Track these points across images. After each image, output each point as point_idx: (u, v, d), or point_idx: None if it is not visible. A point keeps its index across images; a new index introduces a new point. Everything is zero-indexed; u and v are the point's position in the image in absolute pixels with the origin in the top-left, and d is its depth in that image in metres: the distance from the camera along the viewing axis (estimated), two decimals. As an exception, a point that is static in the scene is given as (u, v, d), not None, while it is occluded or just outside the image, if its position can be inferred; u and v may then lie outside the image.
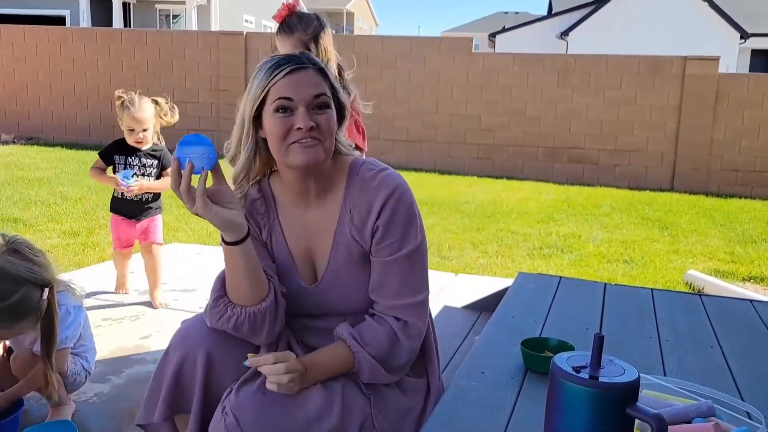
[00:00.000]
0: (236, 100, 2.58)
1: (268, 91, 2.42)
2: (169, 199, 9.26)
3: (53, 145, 16.44)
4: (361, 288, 2.62)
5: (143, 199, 5.46)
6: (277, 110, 2.41)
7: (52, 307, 3.29)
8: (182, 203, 2.38)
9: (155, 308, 5.54)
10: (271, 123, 2.44)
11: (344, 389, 2.50)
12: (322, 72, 2.50)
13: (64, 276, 3.62)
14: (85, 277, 5.98)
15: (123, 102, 5.27)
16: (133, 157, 5.35)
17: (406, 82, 15.87)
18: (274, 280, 2.58)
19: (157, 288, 5.64)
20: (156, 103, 5.37)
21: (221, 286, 2.52)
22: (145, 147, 5.37)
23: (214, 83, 16.56)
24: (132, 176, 5.22)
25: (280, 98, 2.40)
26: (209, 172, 2.33)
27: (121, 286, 5.80)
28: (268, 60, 2.48)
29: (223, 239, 2.43)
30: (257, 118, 2.48)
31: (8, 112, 17.55)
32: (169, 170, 5.33)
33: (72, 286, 3.65)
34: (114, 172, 5.32)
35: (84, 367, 3.90)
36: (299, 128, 2.39)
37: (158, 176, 5.44)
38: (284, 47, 4.18)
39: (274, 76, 2.41)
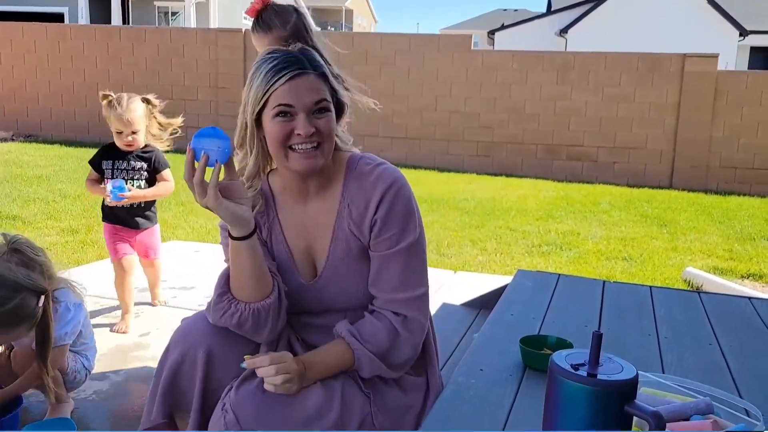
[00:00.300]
0: (235, 98, 2.59)
1: (268, 97, 2.42)
2: (168, 197, 9.27)
3: (52, 142, 16.41)
4: (361, 283, 2.63)
5: (135, 206, 5.09)
6: (277, 115, 2.41)
7: (47, 313, 3.29)
8: (181, 201, 2.39)
9: (154, 306, 5.49)
10: (270, 126, 2.44)
11: (344, 387, 2.51)
12: (323, 76, 2.49)
13: (63, 274, 3.63)
14: (83, 275, 5.95)
15: (110, 101, 4.91)
16: (121, 161, 4.99)
17: (405, 79, 15.86)
18: (278, 277, 2.58)
19: (157, 286, 5.54)
20: (147, 102, 5.01)
21: (225, 283, 2.52)
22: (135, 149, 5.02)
23: (213, 81, 16.52)
24: (123, 185, 4.88)
25: (280, 104, 2.40)
26: (222, 165, 2.34)
27: (121, 323, 5.14)
28: (267, 58, 2.47)
29: (229, 234, 2.43)
30: (258, 120, 2.49)
31: (7, 109, 17.52)
32: (163, 173, 5.09)
33: (72, 283, 3.66)
34: (104, 178, 5.01)
35: (84, 365, 3.90)
36: (299, 134, 2.40)
37: (150, 180, 5.08)
38: (262, 47, 3.90)
39: (275, 82, 2.40)
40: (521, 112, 15.42)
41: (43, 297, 3.22)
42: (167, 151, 5.20)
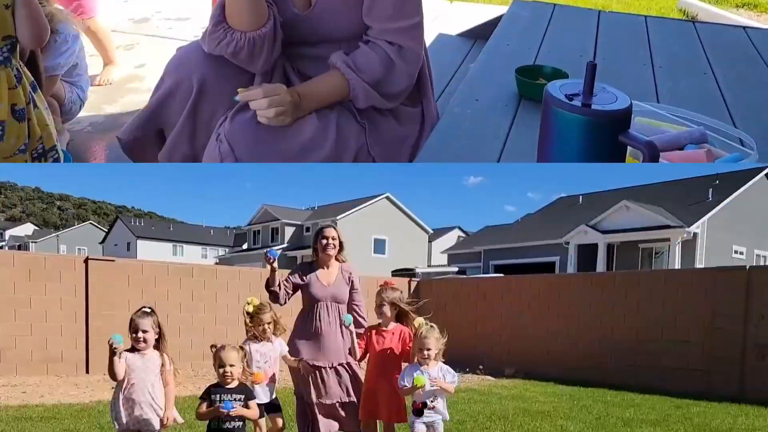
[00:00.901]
0: None
1: None
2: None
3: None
4: (355, 13, 2.60)
5: None
6: None
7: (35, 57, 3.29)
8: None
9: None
10: None
11: (339, 118, 2.53)
12: None
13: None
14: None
15: None
16: None
17: None
18: (273, 7, 2.56)
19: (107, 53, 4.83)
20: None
21: (221, 12, 2.49)
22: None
23: None
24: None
25: None
26: None
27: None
28: None
29: None
30: None
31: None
32: None
33: (71, 16, 3.67)
34: None
35: (79, 96, 3.94)
36: None
37: None
38: None
39: None
40: None
41: None
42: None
